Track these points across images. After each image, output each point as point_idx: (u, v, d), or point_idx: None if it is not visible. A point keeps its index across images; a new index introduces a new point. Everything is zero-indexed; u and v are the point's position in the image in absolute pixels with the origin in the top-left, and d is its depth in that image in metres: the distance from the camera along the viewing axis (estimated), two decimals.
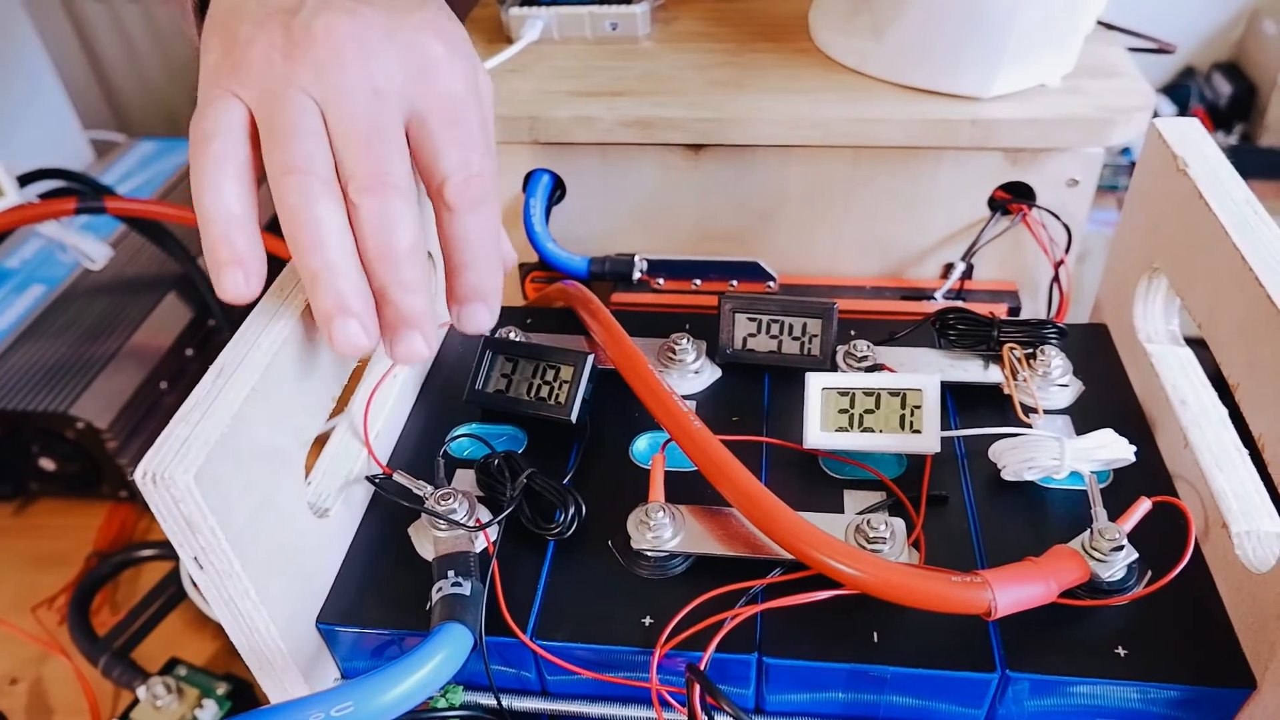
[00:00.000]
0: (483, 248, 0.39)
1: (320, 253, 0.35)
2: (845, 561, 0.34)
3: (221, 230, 0.35)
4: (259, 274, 0.36)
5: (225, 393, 0.33)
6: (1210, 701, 0.35)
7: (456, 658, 0.35)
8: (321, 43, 0.37)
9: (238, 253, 0.35)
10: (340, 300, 0.35)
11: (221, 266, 0.35)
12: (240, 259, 0.35)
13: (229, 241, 0.35)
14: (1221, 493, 0.38)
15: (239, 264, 0.35)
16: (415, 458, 0.45)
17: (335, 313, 0.35)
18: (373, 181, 0.36)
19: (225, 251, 0.35)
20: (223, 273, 0.35)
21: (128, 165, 0.94)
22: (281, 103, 0.36)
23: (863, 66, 0.58)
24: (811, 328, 0.47)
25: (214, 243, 0.35)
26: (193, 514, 0.30)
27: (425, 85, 0.38)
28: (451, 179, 0.38)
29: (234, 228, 0.35)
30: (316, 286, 0.35)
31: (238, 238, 0.35)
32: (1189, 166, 0.41)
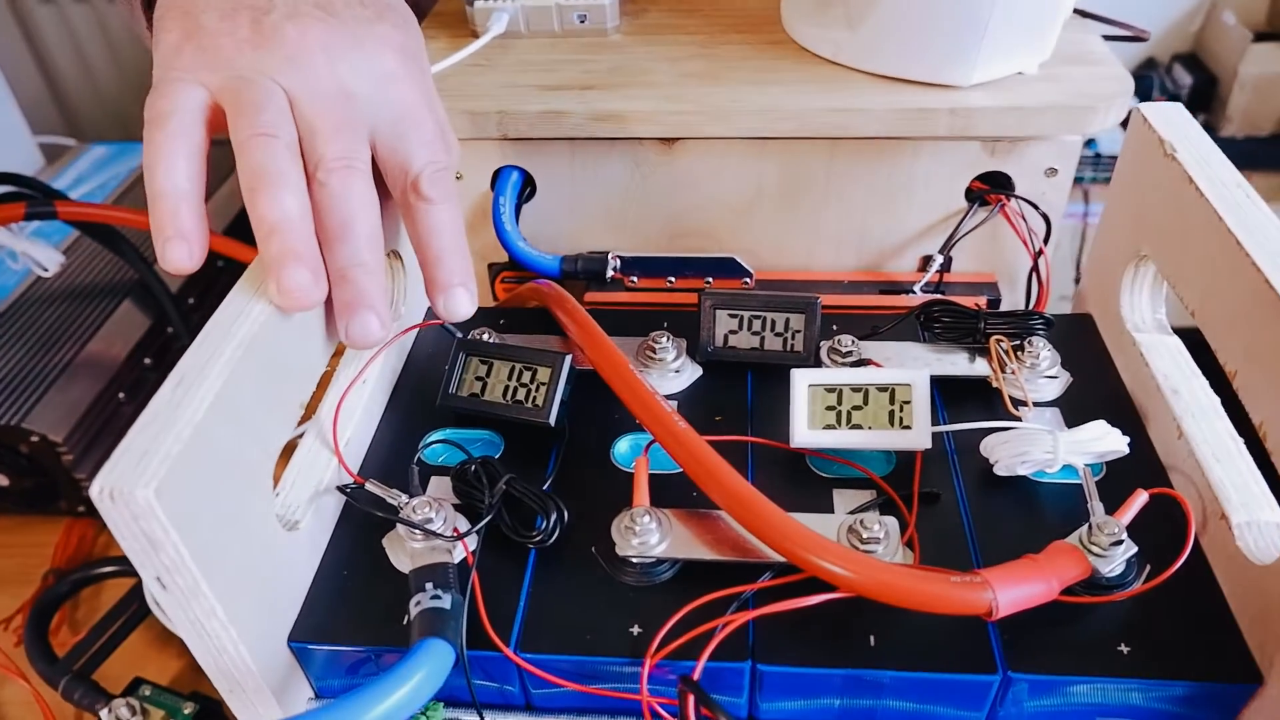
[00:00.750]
0: (456, 236, 0.40)
1: (278, 206, 0.35)
2: (840, 564, 0.33)
3: (170, 205, 0.36)
4: (202, 249, 0.36)
5: (186, 402, 0.31)
6: (1216, 698, 0.34)
7: (438, 675, 0.33)
8: (293, 42, 0.38)
9: (183, 228, 0.36)
10: (291, 248, 0.35)
11: (168, 240, 0.35)
12: (185, 234, 0.36)
13: (176, 216, 0.36)
14: (1219, 483, 0.37)
15: (184, 238, 0.36)
16: (388, 466, 0.43)
17: (286, 258, 0.35)
18: (339, 163, 0.37)
19: (172, 226, 0.35)
20: (168, 246, 0.35)
21: (79, 170, 0.91)
22: (251, 84, 0.37)
23: (837, 56, 0.57)
24: (794, 323, 0.46)
25: (161, 217, 0.36)
26: (154, 531, 0.29)
27: (387, 94, 0.40)
28: (424, 173, 0.39)
29: (183, 203, 0.36)
30: (271, 237, 0.35)
31: (185, 213, 0.36)
32: (1177, 151, 0.41)
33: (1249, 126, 1.35)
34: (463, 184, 0.59)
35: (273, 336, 0.35)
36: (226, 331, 0.34)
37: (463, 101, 0.55)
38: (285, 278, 0.35)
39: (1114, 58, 0.56)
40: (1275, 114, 1.33)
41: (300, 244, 0.36)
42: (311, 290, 0.36)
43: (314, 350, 0.39)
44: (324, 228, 0.37)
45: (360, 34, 0.39)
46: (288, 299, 0.35)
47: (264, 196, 0.35)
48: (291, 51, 0.38)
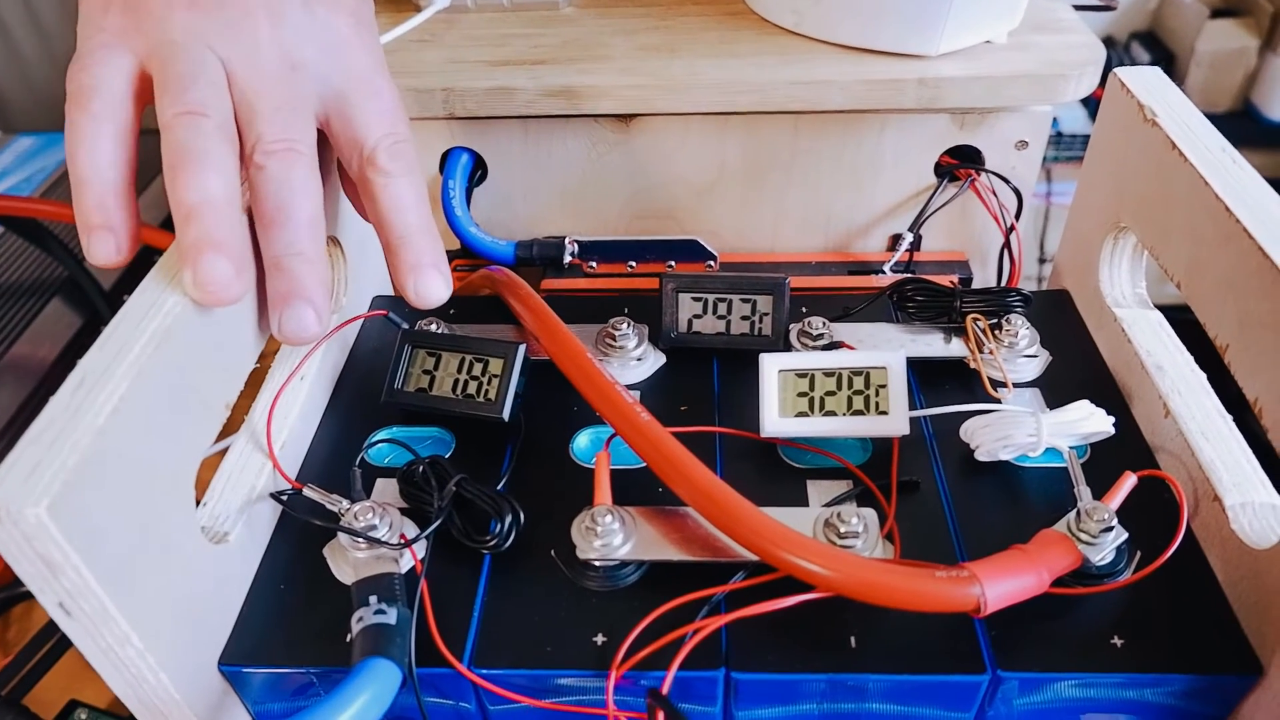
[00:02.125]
0: (422, 213, 0.37)
1: (199, 188, 0.32)
2: (817, 561, 0.31)
3: (95, 195, 0.33)
4: (131, 242, 0.34)
5: (86, 407, 0.27)
6: (1214, 691, 0.32)
7: (383, 697, 0.30)
8: (234, 3, 0.34)
9: (109, 219, 0.33)
10: (210, 235, 0.32)
11: (92, 230, 0.33)
12: (112, 225, 0.33)
13: (102, 207, 0.33)
14: (1210, 463, 0.35)
15: (110, 230, 0.33)
16: (329, 469, 0.40)
17: (204, 247, 0.31)
18: (279, 146, 0.34)
19: (98, 216, 0.33)
20: (93, 237, 0.33)
21: (4, 163, 0.87)
22: (183, 51, 0.34)
23: (799, 27, 0.54)
24: (762, 305, 0.43)
25: (85, 207, 0.33)
26: (50, 553, 0.25)
27: (338, 62, 0.37)
28: (381, 145, 0.36)
29: (108, 192, 0.33)
30: (189, 222, 0.32)
31: (111, 203, 0.33)
32: (1158, 116, 0.39)
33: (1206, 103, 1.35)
34: None
35: (191, 331, 0.32)
36: (136, 326, 0.30)
37: (406, 79, 0.52)
38: (202, 268, 0.31)
39: (1084, 26, 0.54)
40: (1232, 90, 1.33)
41: (221, 231, 0.32)
42: (231, 283, 0.32)
43: (240, 346, 0.36)
44: (259, 213, 0.34)
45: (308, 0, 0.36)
46: (203, 292, 0.32)
47: (184, 177, 0.32)
48: (232, 15, 0.34)
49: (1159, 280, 0.41)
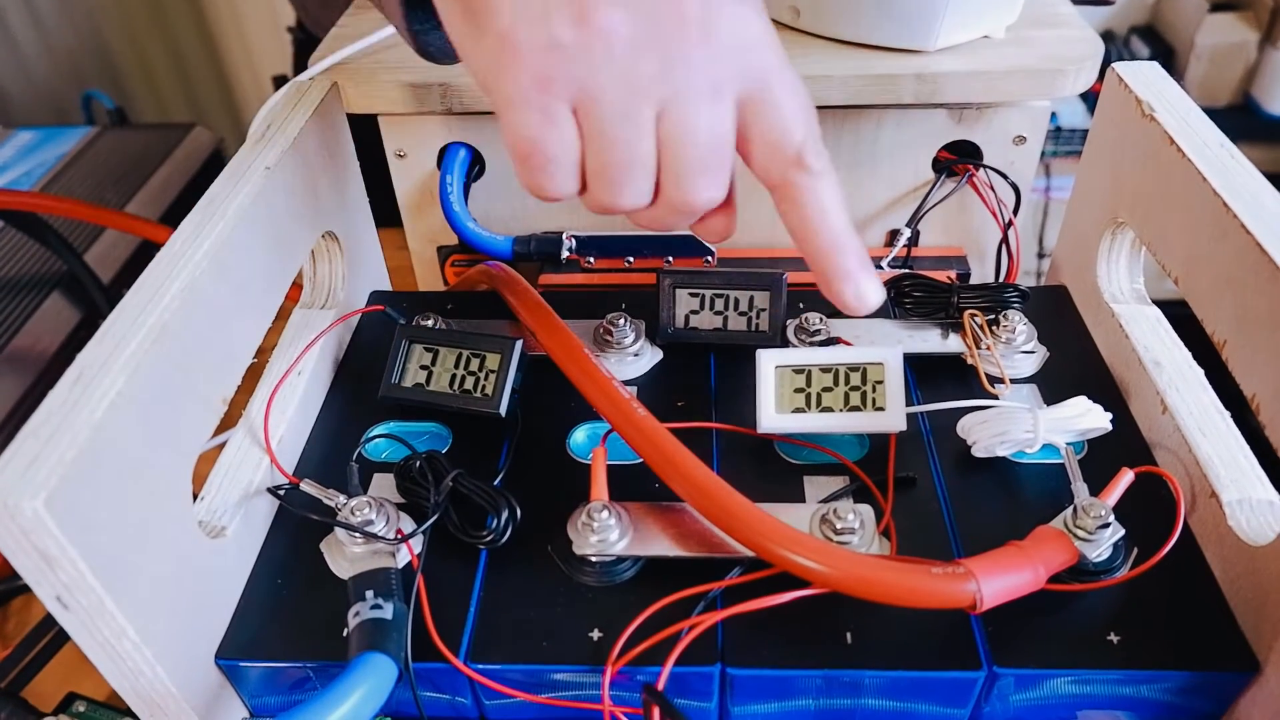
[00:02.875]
0: (847, 212, 0.35)
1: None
2: (813, 557, 0.31)
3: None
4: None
5: (84, 401, 0.27)
6: (1210, 687, 0.32)
7: (379, 692, 0.30)
8: (672, 27, 0.31)
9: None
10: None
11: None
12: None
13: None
14: (1207, 460, 0.35)
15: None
16: (326, 464, 0.40)
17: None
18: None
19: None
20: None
21: (3, 157, 0.87)
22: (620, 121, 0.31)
23: (796, 21, 0.54)
24: (759, 301, 0.43)
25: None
26: (47, 546, 0.25)
27: (758, 58, 0.33)
28: (808, 144, 0.33)
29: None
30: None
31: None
32: (1156, 111, 0.39)
33: (1206, 97, 1.35)
34: (407, 162, 0.56)
35: (188, 327, 0.32)
36: (133, 321, 0.30)
37: (403, 74, 0.52)
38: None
39: (1082, 20, 0.54)
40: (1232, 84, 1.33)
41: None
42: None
43: (238, 342, 0.36)
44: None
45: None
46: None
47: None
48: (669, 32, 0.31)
49: (1158, 275, 0.41)
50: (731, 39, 0.32)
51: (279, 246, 0.39)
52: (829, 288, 0.35)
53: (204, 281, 0.33)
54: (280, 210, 0.39)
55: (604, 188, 0.33)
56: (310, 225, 0.42)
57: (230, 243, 0.35)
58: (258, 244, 0.37)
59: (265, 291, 0.38)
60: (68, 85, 1.21)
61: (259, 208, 0.37)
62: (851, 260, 0.34)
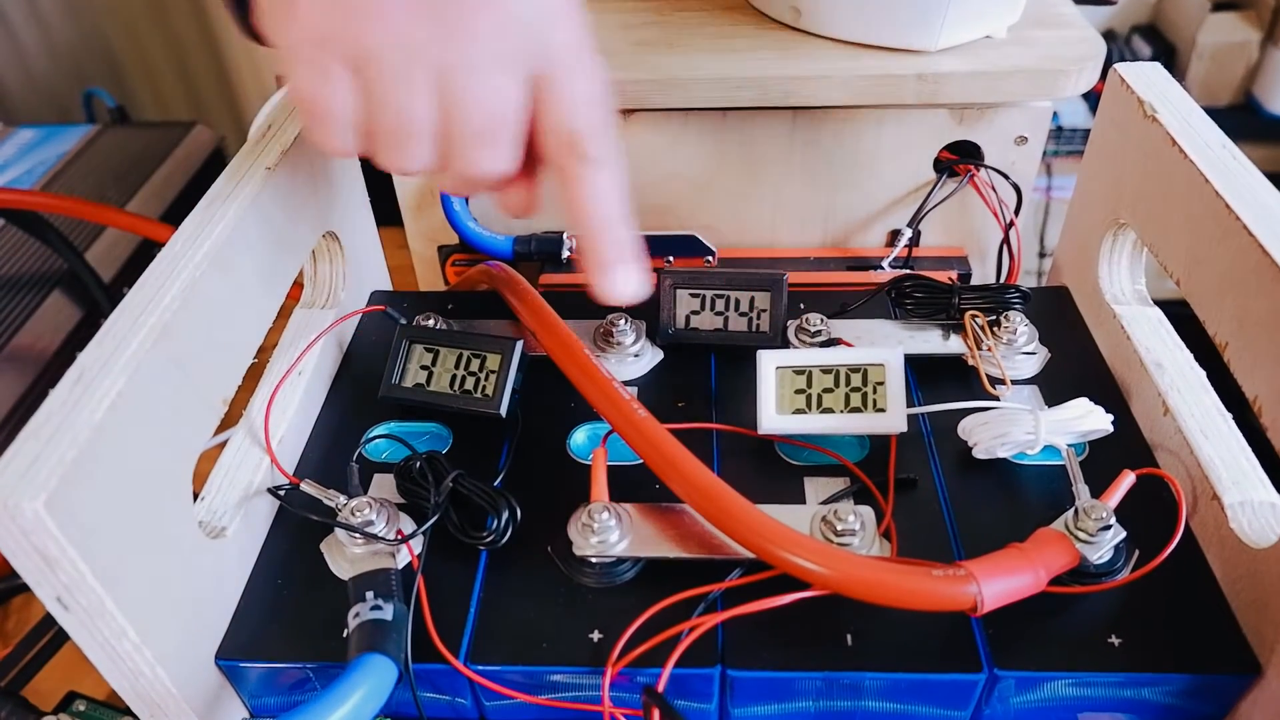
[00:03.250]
0: (622, 204, 0.35)
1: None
2: (813, 559, 0.31)
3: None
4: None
5: (84, 402, 0.27)
6: (1212, 690, 0.32)
7: (378, 693, 0.30)
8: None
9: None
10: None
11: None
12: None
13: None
14: (1209, 462, 0.35)
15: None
16: (326, 464, 0.40)
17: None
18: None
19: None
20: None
21: (4, 155, 0.87)
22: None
23: (798, 22, 0.54)
24: (760, 302, 0.43)
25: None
26: (48, 547, 0.25)
27: (553, 34, 0.33)
28: (589, 130, 0.34)
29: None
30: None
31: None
32: (1158, 112, 0.39)
33: (1208, 96, 1.34)
34: None
35: (189, 327, 0.32)
36: (134, 321, 0.30)
37: None
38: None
39: (1084, 20, 0.54)
40: (1233, 83, 1.33)
41: None
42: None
43: (238, 342, 0.36)
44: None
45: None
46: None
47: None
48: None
49: (1158, 274, 0.41)
50: (522, 12, 0.32)
51: (280, 246, 0.39)
52: (589, 273, 0.36)
53: (205, 282, 0.33)
54: (281, 210, 0.39)
55: (383, 149, 0.33)
56: (311, 225, 0.42)
57: (231, 243, 0.35)
58: (258, 244, 0.37)
59: (266, 291, 0.38)
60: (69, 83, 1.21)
61: (260, 208, 0.37)
62: (612, 251, 0.35)
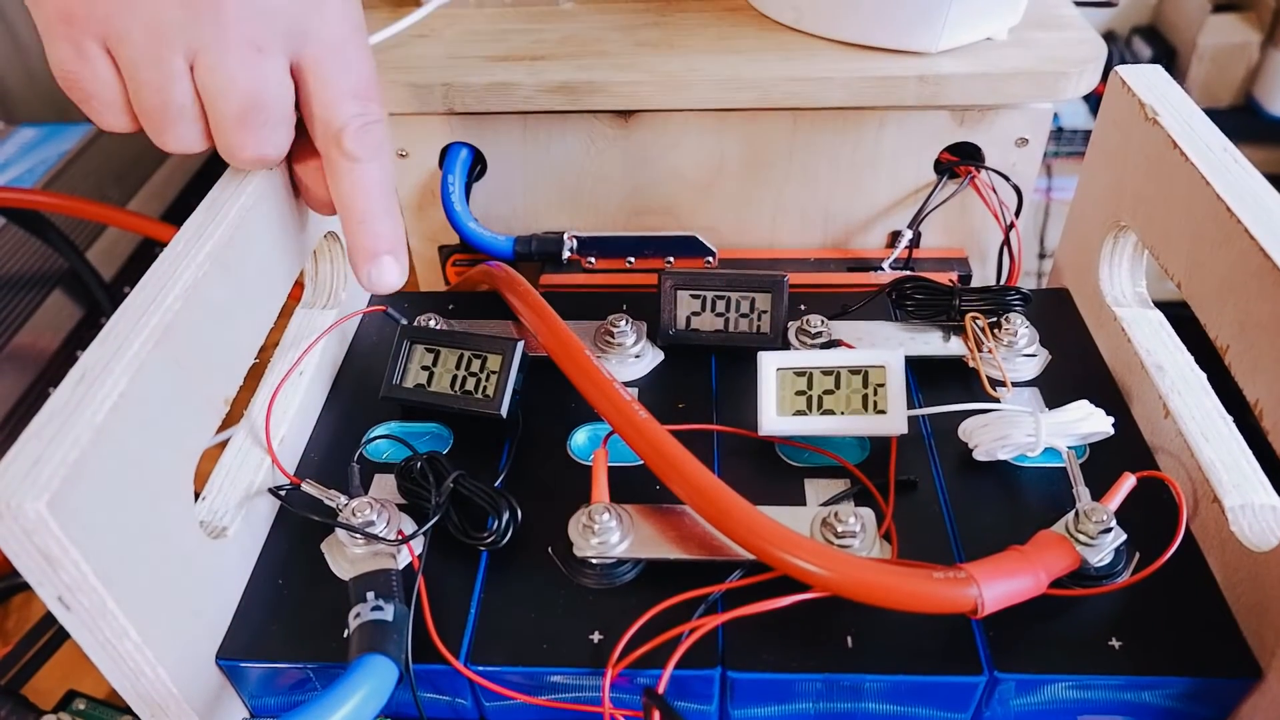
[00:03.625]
0: (382, 198, 0.37)
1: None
2: (814, 561, 0.31)
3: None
4: None
5: (86, 403, 0.27)
6: (1212, 694, 0.32)
7: (379, 694, 0.30)
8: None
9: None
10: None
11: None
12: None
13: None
14: (1210, 464, 0.35)
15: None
16: (327, 464, 0.40)
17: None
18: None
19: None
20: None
21: (6, 154, 0.87)
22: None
23: (799, 23, 0.54)
24: (760, 303, 0.43)
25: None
26: (50, 547, 0.25)
27: (311, 28, 0.34)
28: (349, 127, 0.35)
29: None
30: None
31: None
32: (1159, 114, 0.39)
33: (1208, 98, 1.34)
34: (409, 162, 0.56)
35: (190, 327, 0.32)
36: (136, 323, 0.30)
37: (406, 74, 0.52)
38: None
39: (1085, 22, 0.54)
40: (1234, 85, 1.33)
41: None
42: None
43: (240, 342, 0.36)
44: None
45: None
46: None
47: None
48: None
49: (1159, 275, 0.41)
50: (272, 2, 0.32)
51: (281, 247, 0.39)
52: (351, 260, 0.37)
53: (206, 283, 0.33)
54: (282, 211, 0.39)
55: (151, 129, 0.33)
56: (312, 226, 0.42)
57: (233, 244, 0.35)
58: (260, 245, 0.37)
59: (267, 292, 0.38)
60: None
61: (261, 209, 0.37)
62: (369, 242, 0.37)
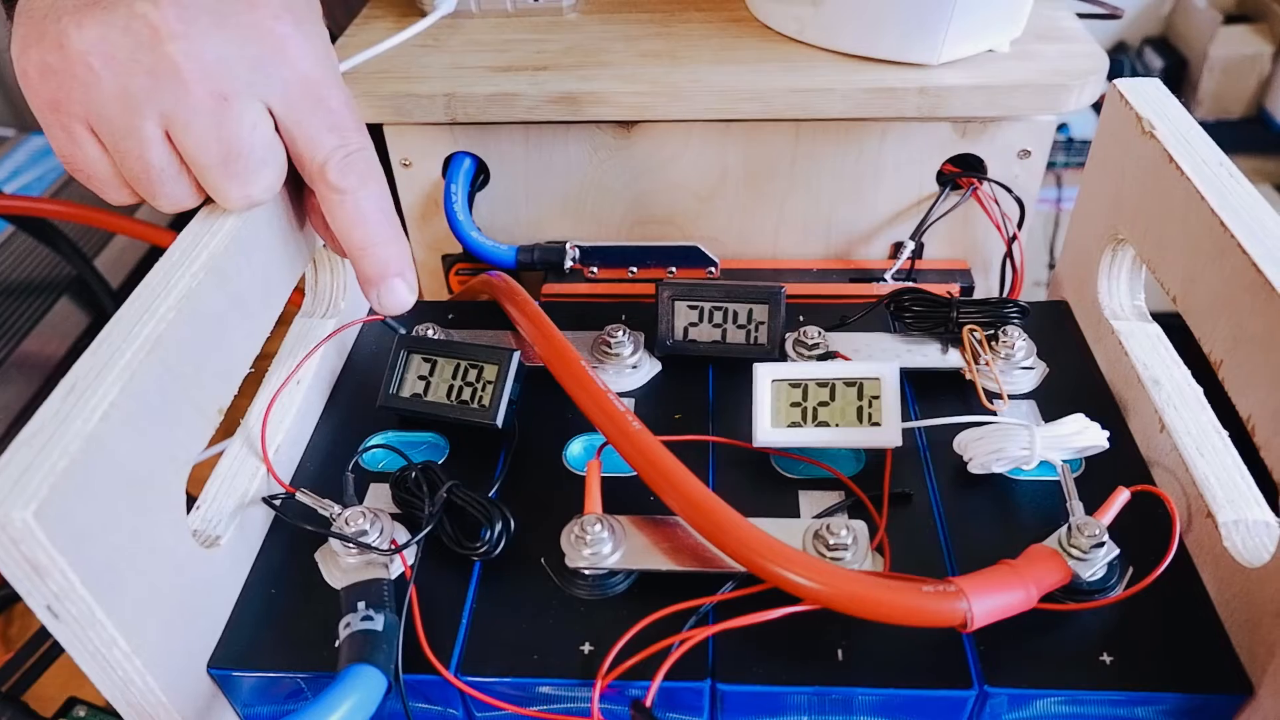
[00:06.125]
0: (380, 224, 0.37)
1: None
2: (804, 574, 0.31)
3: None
4: None
5: (76, 413, 0.28)
6: (1203, 709, 0.32)
7: (367, 704, 0.30)
8: (148, 46, 0.32)
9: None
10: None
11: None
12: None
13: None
14: (1204, 479, 0.35)
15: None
16: (323, 474, 0.41)
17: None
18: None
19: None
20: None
21: (16, 162, 0.88)
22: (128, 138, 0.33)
23: (802, 34, 0.54)
24: (758, 314, 0.43)
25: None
26: (37, 556, 0.26)
27: (275, 70, 0.34)
28: (330, 161, 0.35)
29: None
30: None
31: None
32: (1156, 128, 0.38)
33: (1219, 109, 1.34)
34: (412, 171, 0.56)
35: (184, 337, 0.32)
36: (128, 332, 0.31)
37: (409, 84, 0.52)
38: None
39: (1088, 34, 0.54)
40: (1245, 96, 1.32)
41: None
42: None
43: (234, 352, 0.36)
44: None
45: (223, 8, 0.33)
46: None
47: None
48: (153, 63, 0.32)
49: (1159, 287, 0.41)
50: (225, 53, 0.33)
51: (278, 257, 0.39)
52: (362, 288, 0.38)
53: (201, 292, 0.33)
54: (280, 221, 0.39)
55: (145, 194, 0.35)
56: (310, 235, 0.42)
57: (228, 253, 0.35)
58: (256, 255, 0.37)
59: (263, 302, 0.38)
60: None
61: (258, 218, 0.37)
62: (375, 268, 0.37)
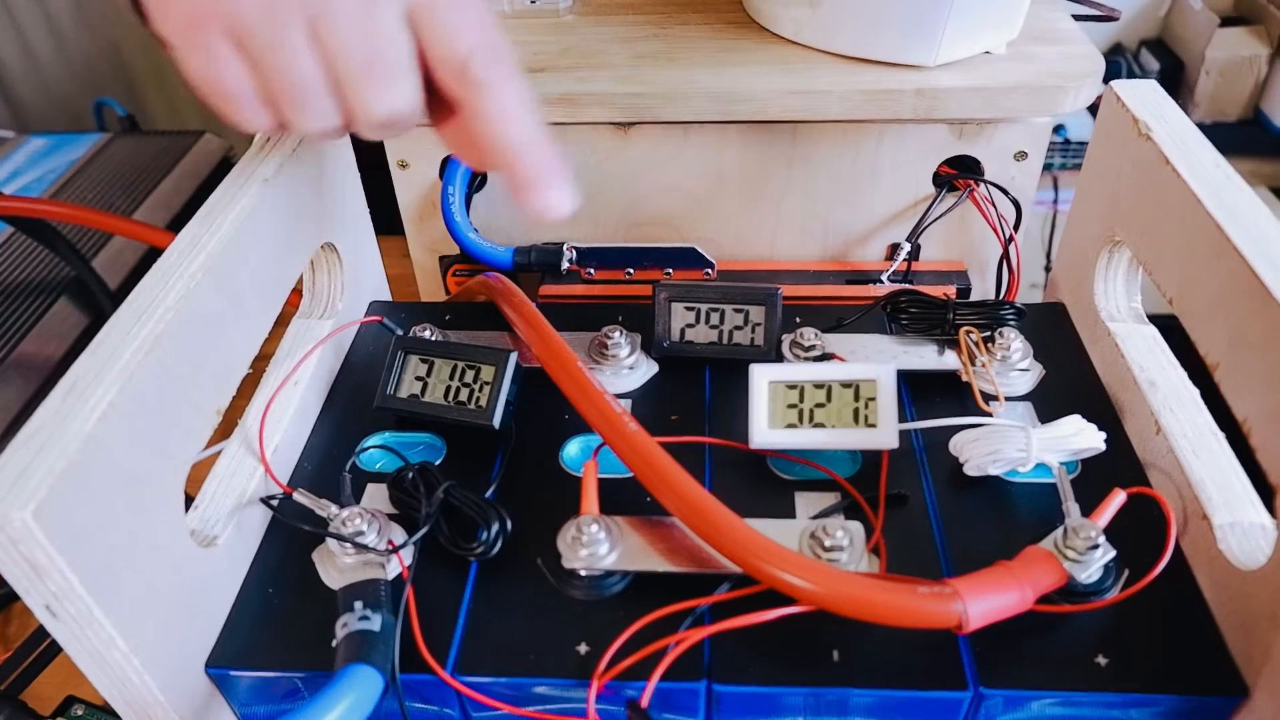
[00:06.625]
0: (534, 124, 0.34)
1: None
2: (800, 575, 0.31)
3: None
4: None
5: (75, 413, 0.28)
6: (1199, 711, 0.32)
7: (363, 704, 0.30)
8: None
9: None
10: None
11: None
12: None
13: None
14: (1200, 481, 0.35)
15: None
16: (320, 474, 0.41)
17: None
18: None
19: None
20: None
21: (15, 163, 0.87)
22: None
23: (798, 36, 0.54)
24: (754, 315, 0.43)
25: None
26: (36, 556, 0.26)
27: None
28: (475, 54, 0.33)
29: None
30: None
31: None
32: (1152, 130, 0.39)
33: (1216, 112, 1.34)
34: (410, 173, 0.56)
35: (182, 337, 0.32)
36: (127, 333, 0.31)
37: None
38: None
39: (1084, 36, 0.54)
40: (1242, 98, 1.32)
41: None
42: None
43: (233, 353, 0.36)
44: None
45: None
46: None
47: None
48: None
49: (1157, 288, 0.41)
50: None
51: (276, 258, 0.39)
52: (516, 198, 0.35)
53: (199, 293, 0.33)
54: (278, 222, 0.39)
55: (289, 114, 0.33)
56: (308, 237, 0.43)
57: (226, 254, 0.35)
58: (254, 256, 0.37)
59: (262, 303, 0.38)
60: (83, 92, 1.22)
61: (256, 220, 0.37)
62: (533, 173, 0.34)
